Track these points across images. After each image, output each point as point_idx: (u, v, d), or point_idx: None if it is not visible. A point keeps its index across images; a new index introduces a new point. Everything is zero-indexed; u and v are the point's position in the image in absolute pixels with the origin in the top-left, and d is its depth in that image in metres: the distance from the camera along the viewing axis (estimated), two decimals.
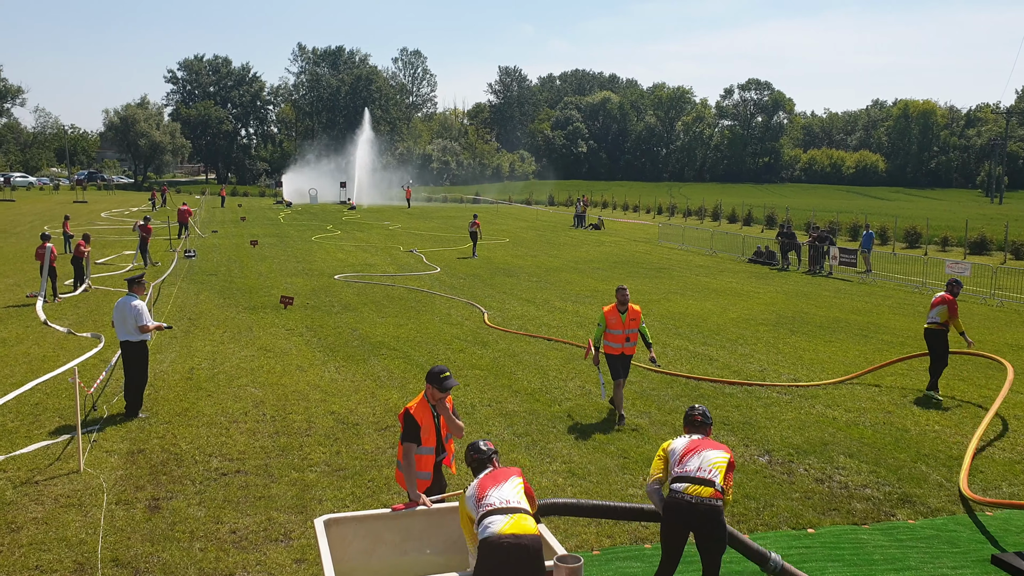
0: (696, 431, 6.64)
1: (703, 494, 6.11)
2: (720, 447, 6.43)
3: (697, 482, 6.15)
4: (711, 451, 6.35)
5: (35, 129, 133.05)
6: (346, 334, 17.23)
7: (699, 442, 6.45)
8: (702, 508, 6.09)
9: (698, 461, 6.26)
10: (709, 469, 6.20)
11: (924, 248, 41.68)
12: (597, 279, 26.81)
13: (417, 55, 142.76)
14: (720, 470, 6.22)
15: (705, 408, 6.80)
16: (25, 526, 7.98)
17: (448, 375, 6.71)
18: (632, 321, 11.74)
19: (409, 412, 6.67)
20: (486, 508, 5.48)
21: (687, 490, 6.14)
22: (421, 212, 64.81)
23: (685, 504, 6.13)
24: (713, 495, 6.11)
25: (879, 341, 17.64)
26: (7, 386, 12.72)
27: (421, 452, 6.69)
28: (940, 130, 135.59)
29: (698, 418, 6.70)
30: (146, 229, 28.18)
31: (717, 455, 6.32)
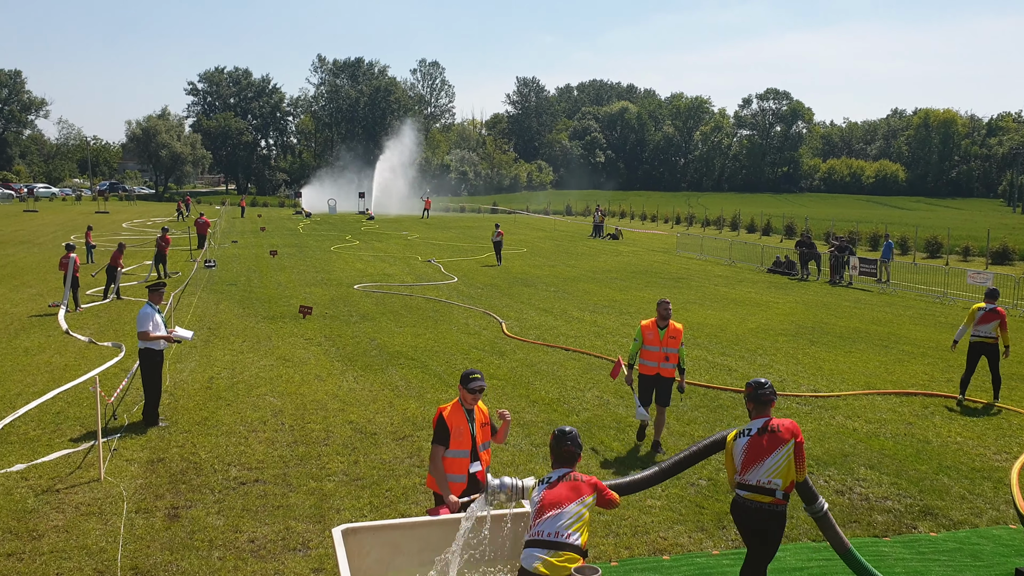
0: (761, 409, 6.44)
1: (763, 501, 6.22)
2: (777, 446, 6.23)
3: (758, 491, 6.24)
4: (770, 458, 6.23)
5: (58, 140, 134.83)
6: (364, 344, 17.27)
7: (758, 447, 6.28)
8: (763, 513, 6.23)
9: (758, 474, 6.25)
10: (768, 481, 6.22)
11: (945, 258, 41.35)
12: (615, 289, 26.76)
13: (435, 66, 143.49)
14: (783, 476, 6.20)
15: (769, 383, 6.56)
16: (46, 534, 8.04)
17: (476, 377, 6.80)
18: (672, 339, 10.73)
19: (440, 415, 6.75)
20: (534, 535, 5.37)
21: (748, 497, 6.28)
22: (439, 222, 64.98)
23: (747, 508, 6.29)
24: (773, 502, 6.20)
25: (900, 352, 17.50)
26: (29, 395, 12.84)
27: (452, 455, 6.72)
28: (961, 139, 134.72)
29: (766, 397, 6.45)
30: (164, 240, 28.30)
31: (776, 461, 6.22)
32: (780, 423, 6.34)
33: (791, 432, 6.28)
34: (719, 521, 8.55)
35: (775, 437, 6.27)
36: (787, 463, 6.20)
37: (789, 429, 6.29)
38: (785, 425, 6.32)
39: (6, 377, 14.03)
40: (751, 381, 6.60)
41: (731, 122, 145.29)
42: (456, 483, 6.70)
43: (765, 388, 6.48)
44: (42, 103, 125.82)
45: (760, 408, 6.45)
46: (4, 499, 8.82)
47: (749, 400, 6.52)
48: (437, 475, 6.69)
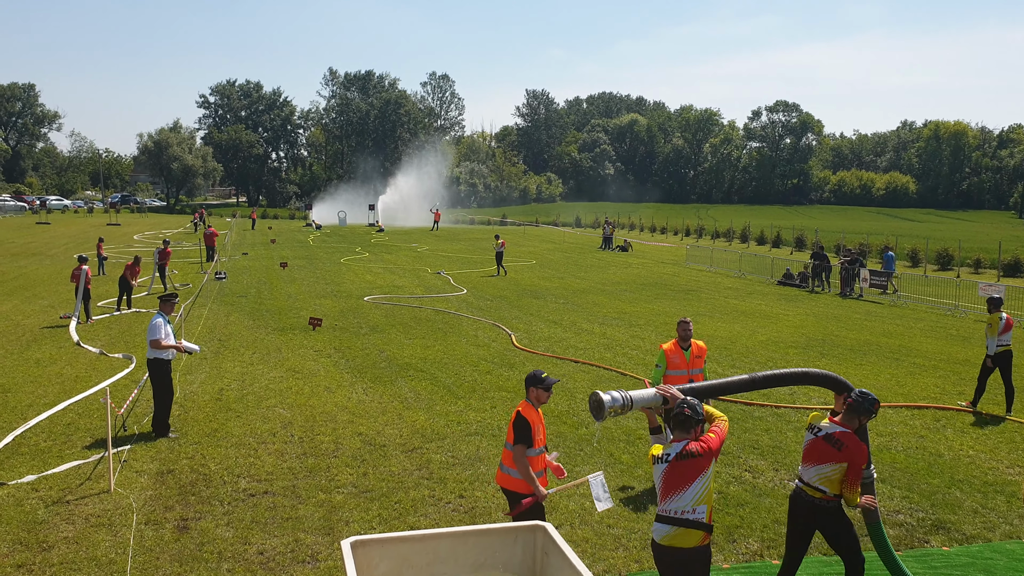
0: (849, 416, 6.50)
1: (813, 496, 6.51)
2: (831, 460, 6.36)
3: (808, 486, 6.54)
4: (824, 466, 6.41)
5: (71, 153, 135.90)
6: (374, 355, 17.29)
7: (817, 449, 6.48)
8: (812, 505, 6.52)
9: (811, 473, 6.52)
10: (817, 485, 6.46)
11: (956, 270, 41.18)
12: (625, 301, 26.73)
13: (445, 79, 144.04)
14: (831, 482, 6.38)
15: (864, 391, 6.56)
16: (56, 545, 8.05)
17: (547, 375, 7.14)
18: (697, 359, 10.29)
19: (521, 414, 6.98)
20: (662, 512, 5.78)
21: (803, 488, 6.59)
22: (449, 234, 65.08)
23: (797, 497, 6.65)
24: (824, 498, 6.46)
25: (911, 364, 17.41)
26: (40, 406, 12.89)
27: (534, 453, 6.99)
28: (972, 151, 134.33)
29: (851, 401, 6.52)
30: (164, 254, 28.05)
31: (829, 470, 6.39)
32: (842, 436, 6.44)
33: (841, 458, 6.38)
34: (729, 535, 8.51)
35: (834, 452, 6.42)
36: (837, 478, 6.40)
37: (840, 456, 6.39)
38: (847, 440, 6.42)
39: (18, 388, 14.10)
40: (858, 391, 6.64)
41: (741, 134, 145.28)
42: (538, 479, 7.00)
43: (869, 397, 6.56)
44: (55, 116, 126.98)
45: (846, 416, 6.56)
46: (15, 510, 8.85)
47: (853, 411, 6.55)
48: (526, 474, 6.90)
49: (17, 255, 39.48)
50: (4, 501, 9.11)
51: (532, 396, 7.09)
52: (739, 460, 10.84)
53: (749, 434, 11.98)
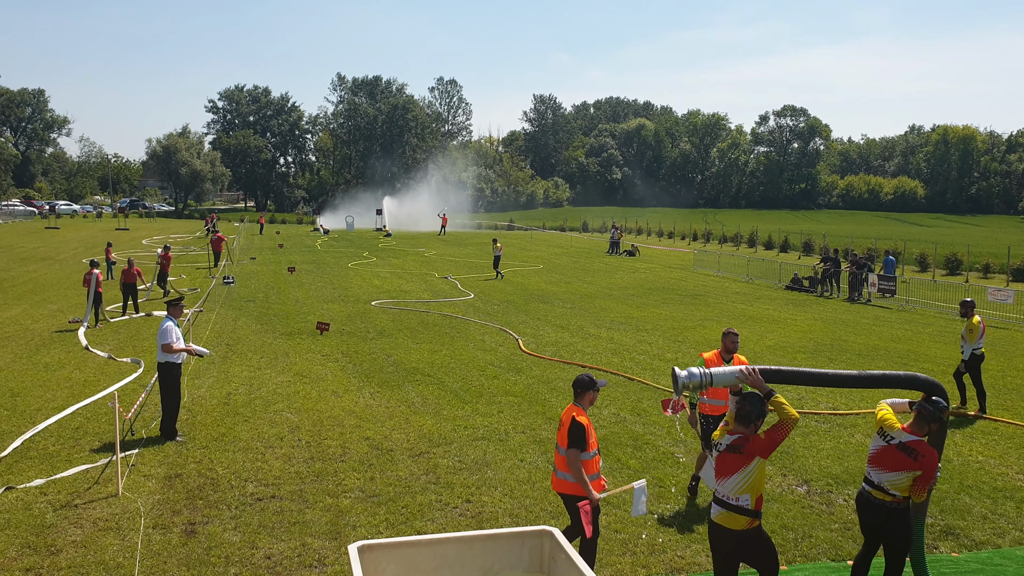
0: (919, 424, 6.63)
1: (884, 499, 6.64)
2: (906, 468, 6.49)
3: (878, 489, 6.66)
4: (898, 474, 6.53)
5: (80, 158, 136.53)
6: (381, 360, 17.30)
7: (891, 457, 6.60)
8: (884, 508, 6.65)
9: (883, 478, 6.63)
10: (889, 489, 6.59)
11: (965, 275, 41.03)
12: (632, 306, 26.70)
13: (453, 84, 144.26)
14: (902, 487, 6.54)
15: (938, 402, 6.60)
16: (64, 549, 8.08)
17: (596, 378, 7.44)
18: None
19: (576, 419, 7.11)
20: (715, 493, 6.26)
21: (872, 492, 6.71)
22: (456, 239, 65.11)
23: (867, 502, 6.76)
24: (893, 500, 6.59)
25: (919, 369, 17.35)
26: (49, 410, 12.94)
27: (588, 456, 7.10)
28: (980, 156, 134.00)
29: (923, 412, 6.63)
30: (166, 258, 27.94)
31: (903, 478, 6.52)
32: (916, 444, 6.55)
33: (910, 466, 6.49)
34: None
35: (904, 458, 6.55)
36: (906, 485, 6.54)
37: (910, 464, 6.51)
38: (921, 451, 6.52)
39: (27, 392, 14.15)
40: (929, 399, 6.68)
41: (748, 139, 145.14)
42: (595, 480, 7.17)
43: (939, 405, 6.63)
44: (64, 121, 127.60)
45: (915, 422, 6.67)
46: (23, 514, 8.88)
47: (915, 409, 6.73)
48: (580, 478, 7.01)
49: (26, 260, 39.65)
50: (13, 505, 9.14)
51: (586, 400, 7.32)
52: None
53: None
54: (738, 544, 6.14)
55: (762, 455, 6.05)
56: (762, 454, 6.05)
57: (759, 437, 6.09)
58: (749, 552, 6.19)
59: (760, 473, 6.07)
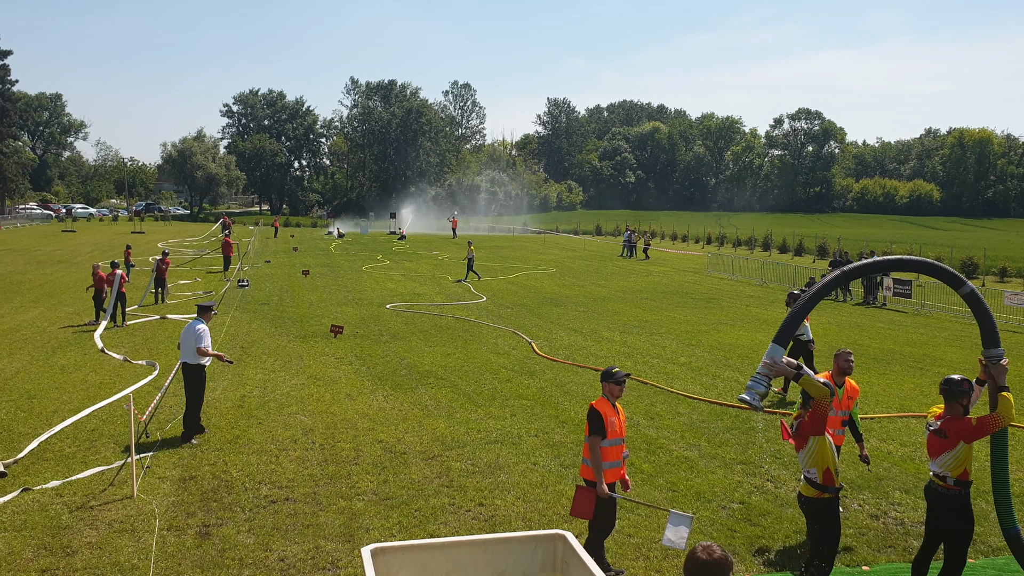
0: (950, 406, 6.84)
1: (939, 484, 6.88)
2: (946, 449, 6.73)
3: (937, 477, 6.89)
4: (942, 456, 6.80)
5: (96, 162, 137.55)
6: (394, 363, 17.33)
7: (931, 444, 6.89)
8: (939, 494, 6.89)
9: (935, 465, 6.89)
10: (941, 472, 6.83)
11: (982, 279, 40.74)
12: (645, 309, 26.65)
13: (467, 88, 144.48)
14: (954, 466, 6.75)
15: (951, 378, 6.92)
16: (80, 550, 8.12)
17: (619, 370, 7.70)
18: (850, 400, 8.94)
19: (594, 407, 7.48)
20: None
21: (932, 480, 6.96)
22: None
23: (930, 489, 7.02)
24: (946, 486, 6.82)
25: (935, 374, 17.23)
26: (65, 412, 13.02)
27: (609, 444, 7.45)
28: (997, 159, 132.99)
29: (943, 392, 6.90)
30: (164, 263, 27.03)
31: (948, 458, 6.74)
32: (950, 426, 6.77)
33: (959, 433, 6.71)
34: (751, 545, 8.45)
35: (941, 442, 6.80)
36: (961, 459, 6.75)
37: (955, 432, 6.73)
38: (953, 428, 6.76)
39: (43, 394, 14.25)
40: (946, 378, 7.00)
41: (762, 142, 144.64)
42: (613, 469, 7.53)
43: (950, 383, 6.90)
44: (81, 125, 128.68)
45: (947, 404, 6.89)
46: (39, 515, 8.94)
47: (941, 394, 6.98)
48: (595, 463, 7.40)
49: (43, 263, 39.94)
50: (29, 506, 9.20)
51: (606, 391, 7.63)
52: (761, 470, 10.77)
53: (772, 444, 11.90)
54: (809, 510, 7.17)
55: (814, 432, 6.81)
56: (813, 431, 6.81)
57: (805, 419, 6.83)
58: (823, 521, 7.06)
59: (822, 448, 6.87)
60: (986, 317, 6.89)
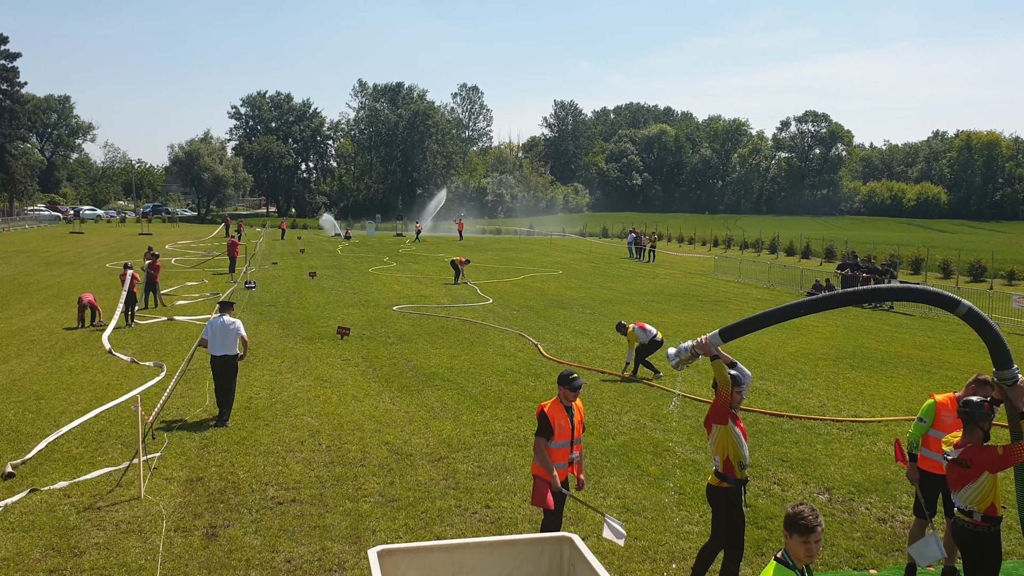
0: (969, 431, 6.39)
1: (965, 520, 6.34)
2: (969, 480, 6.20)
3: (962, 513, 6.36)
4: (965, 489, 6.25)
5: (104, 164, 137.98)
6: (401, 365, 17.34)
7: (953, 475, 6.33)
8: (956, 524, 6.45)
9: (959, 500, 6.34)
10: (966, 507, 6.30)
11: (989, 282, 40.60)
12: (652, 312, 26.62)
13: (475, 90, 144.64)
14: (979, 499, 6.22)
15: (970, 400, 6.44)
16: (87, 551, 8.14)
17: (575, 376, 7.61)
18: None
19: (542, 410, 7.55)
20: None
21: (958, 516, 6.41)
22: (476, 244, 65.21)
23: (957, 527, 6.45)
24: (972, 522, 6.28)
25: (942, 377, 17.18)
26: (73, 413, 13.06)
27: (555, 446, 7.51)
28: (1005, 161, 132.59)
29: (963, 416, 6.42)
30: (154, 268, 26.18)
31: (972, 490, 6.23)
32: (972, 455, 6.21)
33: (984, 464, 6.15)
34: (758, 548, 8.43)
35: (964, 473, 6.24)
36: (985, 492, 6.22)
37: (980, 462, 6.16)
38: (978, 458, 6.19)
39: (51, 395, 14.29)
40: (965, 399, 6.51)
41: (769, 144, 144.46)
42: (560, 470, 7.56)
43: (970, 407, 6.41)
44: (89, 127, 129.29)
45: (966, 430, 6.41)
46: (47, 516, 8.96)
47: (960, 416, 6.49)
48: (544, 463, 7.51)
49: (51, 264, 40.07)
50: (37, 507, 9.23)
51: (561, 394, 7.65)
52: (767, 473, 10.74)
53: (778, 447, 11.87)
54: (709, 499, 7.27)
55: (713, 420, 6.89)
56: (712, 420, 6.90)
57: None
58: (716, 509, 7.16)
59: (723, 438, 6.90)
60: (991, 334, 5.93)
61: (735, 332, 6.91)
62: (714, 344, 6.87)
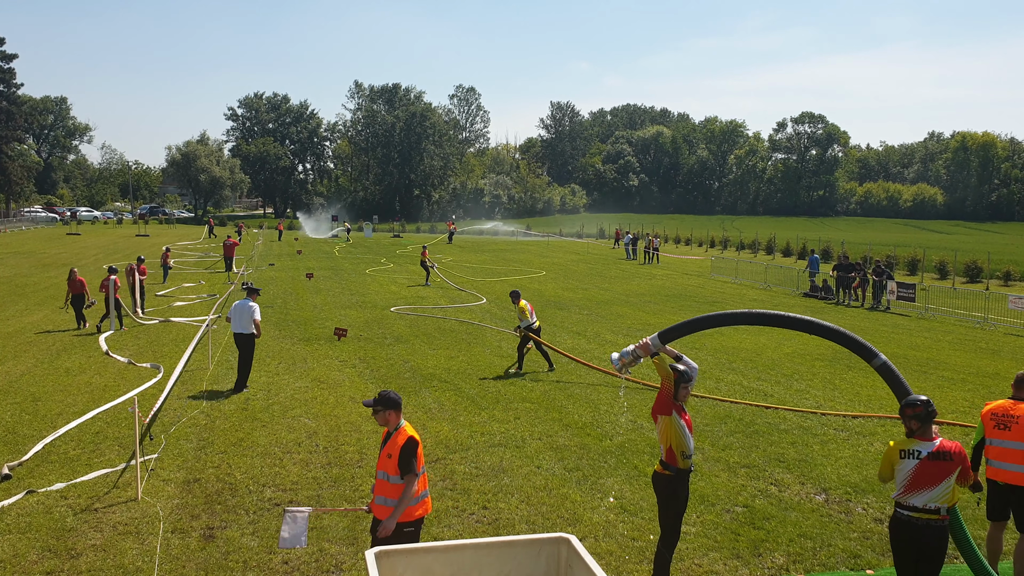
0: (924, 429, 6.52)
1: (932, 518, 6.38)
2: (949, 472, 6.35)
3: (926, 512, 6.38)
4: (944, 482, 6.34)
5: (101, 165, 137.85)
6: (398, 366, 17.35)
7: (931, 471, 6.36)
8: (923, 527, 6.39)
9: (928, 497, 6.36)
10: (935, 506, 6.35)
11: (985, 283, 40.67)
12: (649, 312, 26.65)
13: (472, 92, 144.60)
14: (948, 496, 6.36)
15: (927, 399, 6.58)
16: (84, 553, 8.14)
17: (373, 399, 6.70)
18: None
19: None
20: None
21: (913, 515, 6.41)
22: (473, 245, 65.22)
23: (909, 524, 6.43)
24: (939, 519, 6.37)
25: (938, 377, 17.22)
26: (70, 415, 13.04)
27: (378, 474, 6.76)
28: (1001, 162, 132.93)
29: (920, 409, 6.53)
30: (141, 271, 25.42)
31: (946, 485, 6.35)
32: (950, 448, 6.43)
33: (959, 456, 6.41)
34: (755, 548, 8.44)
35: (944, 463, 6.37)
36: (951, 492, 6.40)
37: (958, 453, 6.41)
38: (954, 450, 6.42)
39: (48, 397, 14.28)
40: (913, 399, 6.62)
41: (766, 146, 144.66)
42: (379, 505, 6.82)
43: (931, 405, 6.55)
44: (86, 129, 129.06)
45: (926, 428, 6.52)
46: (44, 517, 8.95)
47: (914, 420, 6.55)
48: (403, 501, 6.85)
49: (48, 265, 40.02)
50: (34, 508, 9.22)
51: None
52: (765, 473, 10.76)
53: (775, 447, 11.89)
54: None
55: (658, 412, 7.13)
56: (656, 412, 7.15)
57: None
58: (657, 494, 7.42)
59: (662, 431, 7.18)
60: (900, 388, 7.18)
61: (673, 334, 7.57)
62: (655, 345, 7.49)
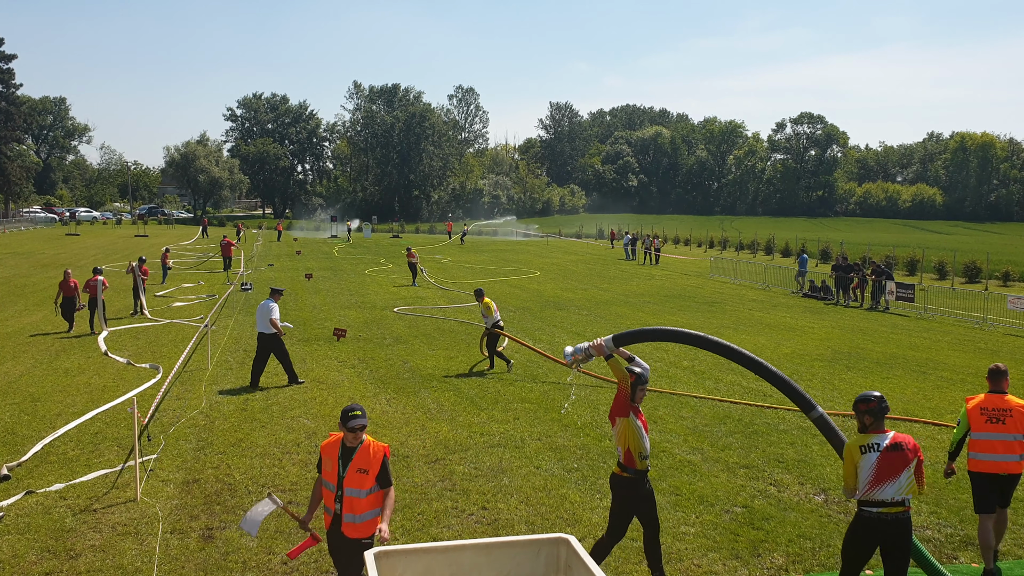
0: (877, 423, 6.53)
1: (899, 511, 6.39)
2: (907, 464, 6.39)
3: (895, 505, 6.38)
4: (904, 473, 6.37)
5: (100, 165, 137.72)
6: (397, 366, 17.34)
7: (892, 462, 6.37)
8: (893, 521, 6.38)
9: (894, 489, 6.37)
10: (902, 498, 6.38)
11: (984, 283, 40.70)
12: (648, 313, 26.65)
13: (471, 92, 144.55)
14: (912, 486, 6.41)
15: (880, 395, 6.62)
16: (83, 553, 8.13)
17: (356, 415, 6.40)
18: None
19: (326, 441, 6.56)
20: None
21: (882, 511, 6.38)
22: (473, 245, 65.22)
23: (877, 520, 6.41)
24: (905, 510, 6.40)
25: (938, 378, 17.22)
26: (69, 415, 13.04)
27: (324, 484, 6.50)
28: (1000, 163, 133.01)
29: (873, 404, 6.53)
30: (143, 271, 25.20)
31: (908, 476, 6.38)
32: (904, 439, 6.50)
33: (914, 449, 6.47)
34: (754, 549, 8.44)
35: (903, 455, 6.41)
36: (914, 481, 6.44)
37: (913, 446, 6.48)
38: (909, 442, 6.50)
39: (47, 397, 14.27)
40: (866, 395, 6.63)
41: (765, 146, 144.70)
42: (327, 514, 6.52)
43: (884, 400, 6.60)
44: (85, 129, 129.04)
45: (879, 423, 6.55)
46: (43, 518, 8.95)
47: (867, 415, 6.56)
48: (312, 496, 6.76)
49: (47, 266, 40.00)
50: (33, 509, 9.22)
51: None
52: (764, 474, 10.76)
53: (774, 447, 11.89)
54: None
55: (615, 415, 7.28)
56: (613, 414, 7.32)
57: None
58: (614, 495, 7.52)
59: (621, 431, 7.25)
60: (835, 439, 7.11)
61: (626, 339, 7.77)
62: (608, 347, 7.58)
